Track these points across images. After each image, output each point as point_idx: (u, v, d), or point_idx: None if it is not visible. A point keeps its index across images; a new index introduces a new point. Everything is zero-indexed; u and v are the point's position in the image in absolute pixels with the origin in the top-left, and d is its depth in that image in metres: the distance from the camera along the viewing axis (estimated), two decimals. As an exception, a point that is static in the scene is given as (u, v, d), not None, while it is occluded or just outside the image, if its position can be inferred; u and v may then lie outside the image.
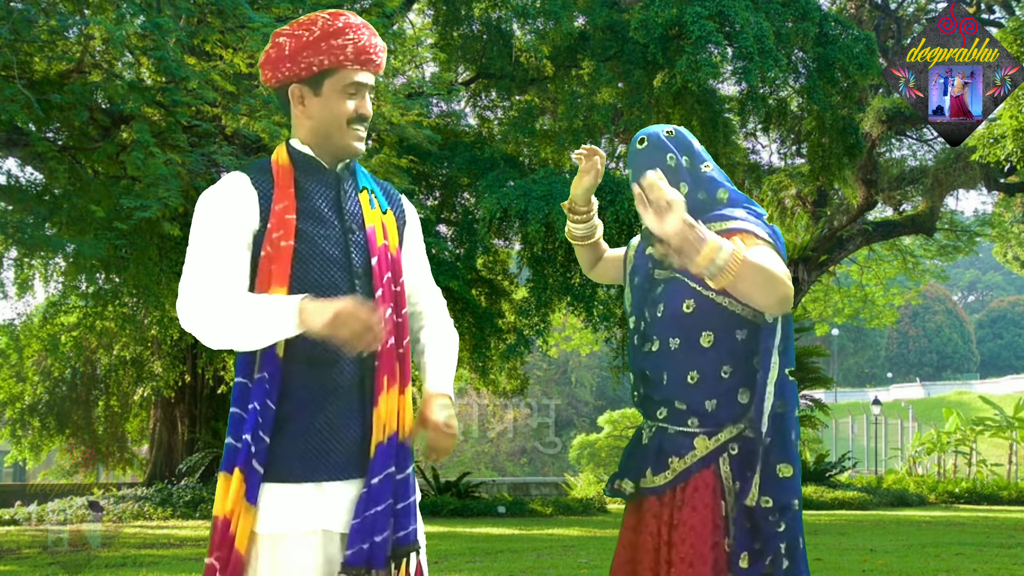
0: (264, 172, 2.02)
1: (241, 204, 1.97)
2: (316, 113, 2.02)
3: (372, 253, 2.03)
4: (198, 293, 1.89)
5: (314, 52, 1.99)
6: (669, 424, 2.30)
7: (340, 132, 2.03)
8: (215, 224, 1.95)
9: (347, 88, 2.02)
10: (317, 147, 2.04)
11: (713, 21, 13.13)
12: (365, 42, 2.02)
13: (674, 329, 2.27)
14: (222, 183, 2.01)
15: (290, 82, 2.03)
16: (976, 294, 75.84)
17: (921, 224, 20.08)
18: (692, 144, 2.38)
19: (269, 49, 2.04)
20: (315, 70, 2.00)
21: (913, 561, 7.58)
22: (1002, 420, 21.84)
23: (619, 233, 12.89)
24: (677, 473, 2.26)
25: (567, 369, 44.84)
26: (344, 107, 2.02)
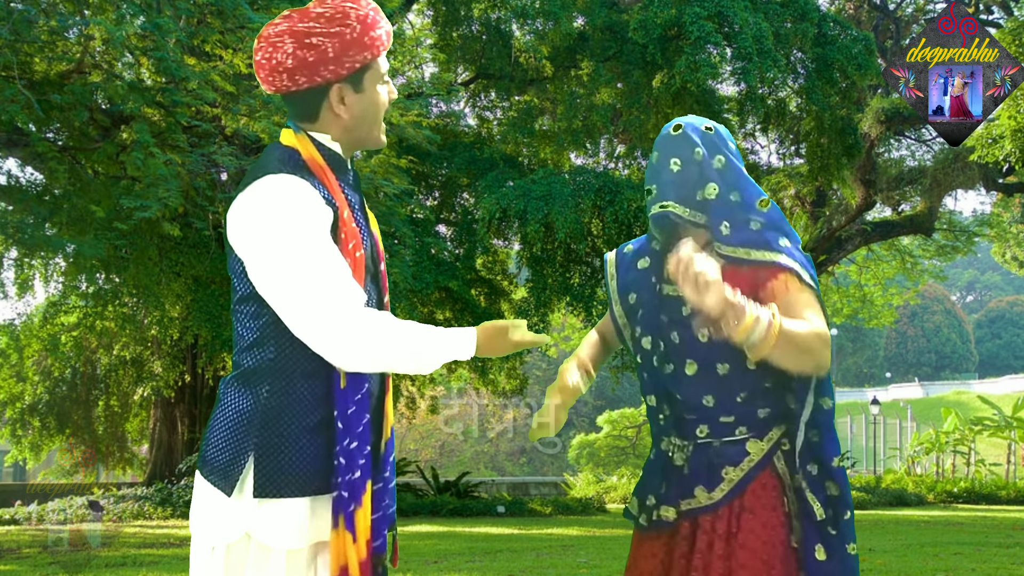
0: (309, 174, 1.84)
1: (322, 209, 1.79)
2: (358, 110, 1.90)
3: (380, 258, 1.99)
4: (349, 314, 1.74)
5: (360, 49, 1.85)
6: (713, 439, 2.22)
7: (377, 125, 1.95)
8: (315, 230, 1.77)
9: (383, 77, 1.93)
10: (346, 145, 1.93)
11: (712, 22, 13.15)
12: (388, 27, 1.93)
13: (720, 352, 2.16)
14: (290, 185, 1.79)
15: (330, 84, 1.87)
16: (975, 294, 75.88)
17: (920, 224, 20.11)
18: (727, 144, 2.28)
19: (298, 52, 1.83)
20: (358, 67, 1.87)
21: (912, 560, 7.59)
22: (1000, 420, 21.86)
23: (618, 233, 12.92)
24: (735, 483, 2.19)
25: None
26: (383, 97, 1.93)
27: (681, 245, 1.94)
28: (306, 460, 1.80)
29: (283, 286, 1.74)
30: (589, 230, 13.21)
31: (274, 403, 1.80)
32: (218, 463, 1.81)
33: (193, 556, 1.86)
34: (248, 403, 1.82)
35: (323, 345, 1.74)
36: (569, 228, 12.32)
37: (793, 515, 2.18)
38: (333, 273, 1.76)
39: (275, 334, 1.82)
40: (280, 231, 1.75)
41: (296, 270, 1.73)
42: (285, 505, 1.79)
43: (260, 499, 1.79)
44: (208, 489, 1.83)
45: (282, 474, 1.79)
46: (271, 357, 1.82)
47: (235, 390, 1.84)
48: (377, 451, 1.94)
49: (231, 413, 1.83)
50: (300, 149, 1.87)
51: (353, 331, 1.74)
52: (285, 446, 1.80)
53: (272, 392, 1.81)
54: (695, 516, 2.20)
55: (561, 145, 15.63)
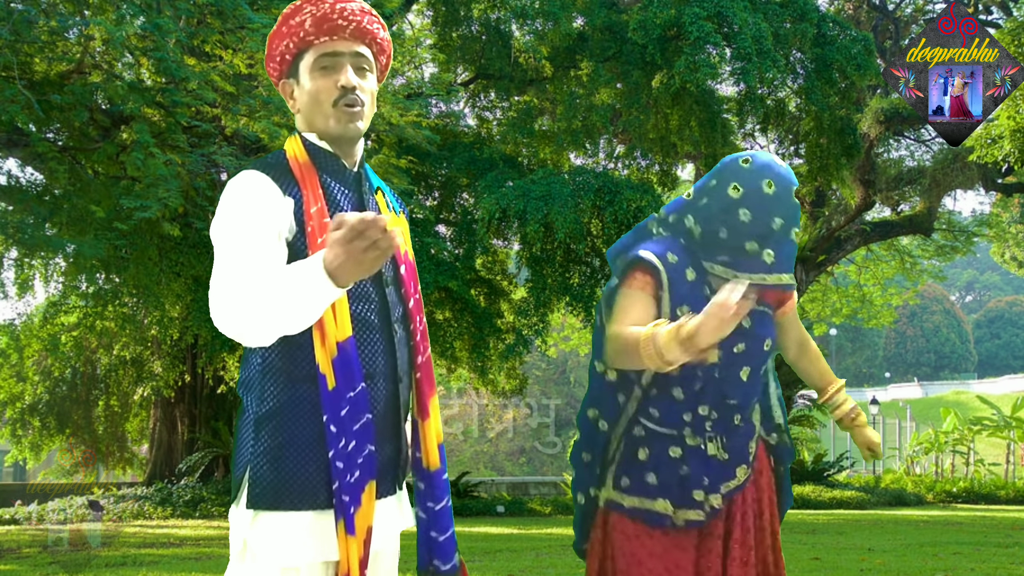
0: (284, 171, 1.80)
1: (273, 203, 1.74)
2: (302, 102, 1.86)
3: (400, 261, 1.90)
4: (228, 287, 1.62)
5: (280, 39, 1.86)
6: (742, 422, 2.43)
7: (324, 115, 1.84)
8: (244, 221, 1.70)
9: (319, 63, 1.84)
10: (328, 140, 1.87)
11: (711, 22, 13.16)
12: (326, 9, 1.83)
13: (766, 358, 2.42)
14: (245, 181, 1.76)
15: (280, 81, 1.92)
16: (974, 294, 75.89)
17: (919, 224, 20.13)
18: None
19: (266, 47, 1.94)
20: (289, 58, 1.87)
21: (911, 560, 7.60)
22: (999, 420, 21.87)
23: (618, 233, 12.93)
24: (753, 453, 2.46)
25: (566, 369, 44.84)
26: (320, 85, 1.83)
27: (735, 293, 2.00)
28: (299, 472, 1.71)
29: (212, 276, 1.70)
30: (588, 230, 13.22)
31: (263, 412, 1.74)
32: (234, 470, 1.79)
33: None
34: (247, 412, 1.78)
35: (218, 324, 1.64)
36: (569, 228, 12.33)
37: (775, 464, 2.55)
38: (231, 259, 1.65)
39: None
40: (216, 228, 1.72)
41: (216, 263, 1.69)
42: (280, 519, 1.71)
43: (253, 511, 1.72)
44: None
45: (272, 486, 1.71)
46: (257, 364, 1.77)
47: (242, 402, 1.82)
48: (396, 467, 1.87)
49: (240, 423, 1.81)
50: (287, 147, 1.87)
51: (219, 306, 1.61)
52: (276, 457, 1.72)
53: (261, 400, 1.75)
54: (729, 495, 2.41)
55: (561, 145, 15.64)
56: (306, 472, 1.72)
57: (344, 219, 1.49)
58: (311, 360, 1.73)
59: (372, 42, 1.91)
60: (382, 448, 1.82)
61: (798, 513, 14.22)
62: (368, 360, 1.79)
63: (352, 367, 1.73)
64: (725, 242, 2.31)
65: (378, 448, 1.80)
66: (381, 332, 1.83)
